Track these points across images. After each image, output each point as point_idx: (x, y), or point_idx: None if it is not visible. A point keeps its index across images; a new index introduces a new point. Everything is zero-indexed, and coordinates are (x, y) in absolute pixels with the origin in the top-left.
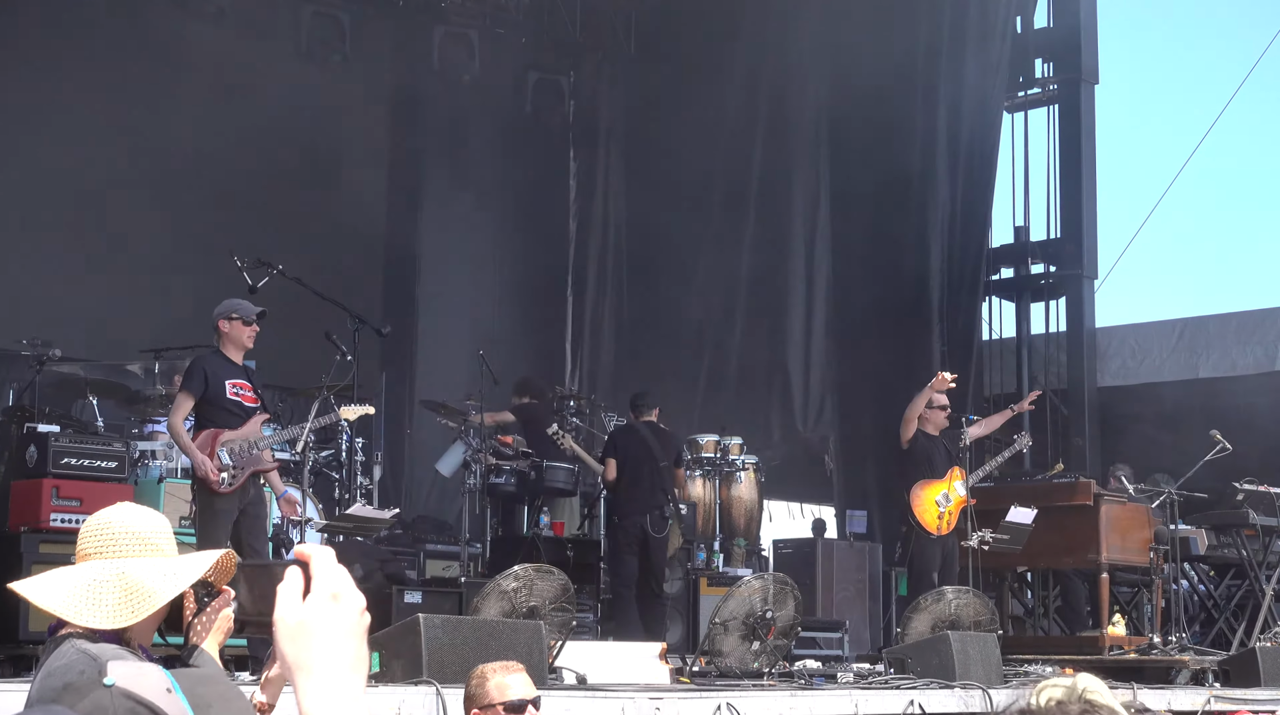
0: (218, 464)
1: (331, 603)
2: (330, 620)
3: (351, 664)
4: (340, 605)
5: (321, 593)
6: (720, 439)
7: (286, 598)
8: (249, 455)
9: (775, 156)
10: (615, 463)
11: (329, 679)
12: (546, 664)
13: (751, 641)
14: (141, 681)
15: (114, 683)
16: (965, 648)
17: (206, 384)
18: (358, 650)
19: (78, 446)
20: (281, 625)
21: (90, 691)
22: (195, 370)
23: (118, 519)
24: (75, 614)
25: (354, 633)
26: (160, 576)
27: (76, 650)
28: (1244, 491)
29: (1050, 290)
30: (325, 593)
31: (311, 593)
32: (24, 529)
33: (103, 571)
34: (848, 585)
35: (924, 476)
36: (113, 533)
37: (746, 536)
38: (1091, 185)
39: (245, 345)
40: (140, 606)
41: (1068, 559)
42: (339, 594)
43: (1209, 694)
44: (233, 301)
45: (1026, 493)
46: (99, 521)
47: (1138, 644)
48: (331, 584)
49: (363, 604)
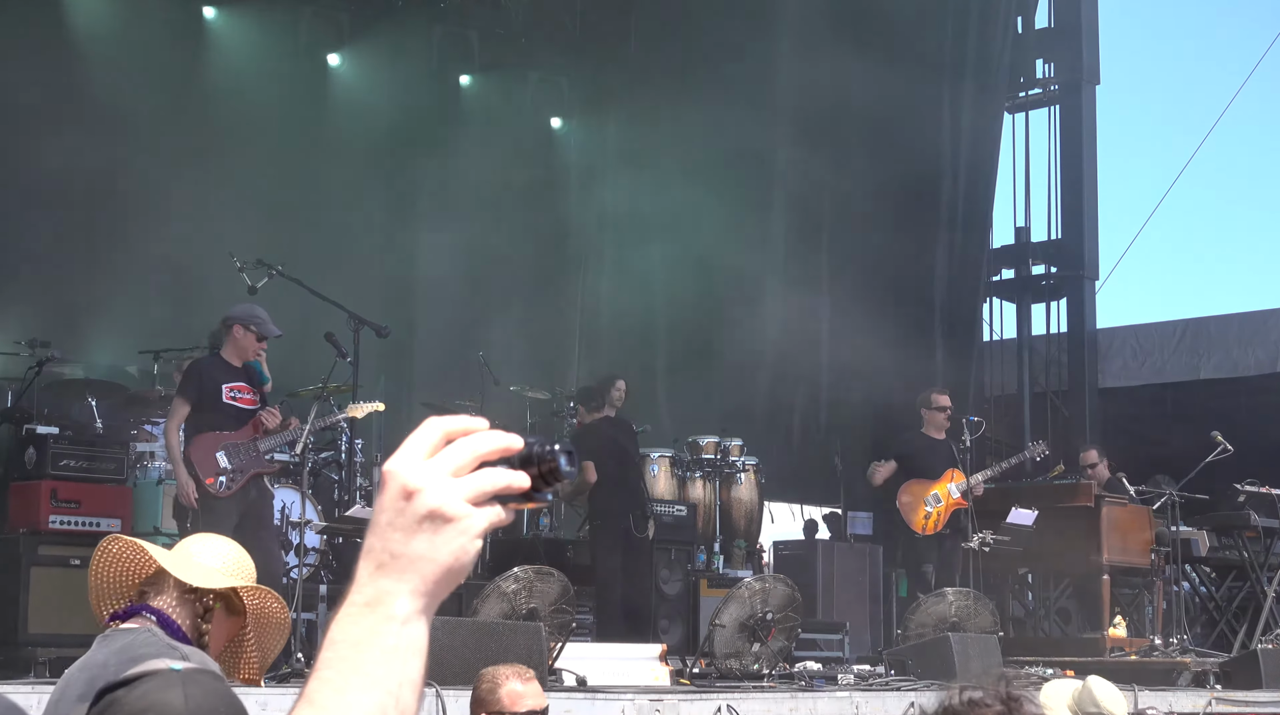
0: (216, 467)
1: (382, 484)
2: (377, 507)
3: (387, 565)
4: (385, 488)
5: (400, 493)
6: (720, 440)
7: (402, 458)
8: (249, 457)
9: (776, 157)
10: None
11: (358, 581)
12: (546, 666)
13: (752, 643)
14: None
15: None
16: (966, 649)
17: (201, 389)
18: (400, 546)
19: (76, 448)
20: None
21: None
22: (191, 376)
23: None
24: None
25: (395, 523)
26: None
27: (155, 637)
28: (1245, 493)
29: (1051, 291)
30: (419, 505)
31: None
32: (23, 531)
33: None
34: (848, 587)
35: (916, 477)
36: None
37: (747, 538)
38: (1092, 185)
39: (248, 357)
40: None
41: (1069, 561)
42: (391, 471)
43: (1210, 696)
44: (255, 311)
45: (1027, 494)
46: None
47: (1139, 646)
48: (390, 460)
49: (414, 485)
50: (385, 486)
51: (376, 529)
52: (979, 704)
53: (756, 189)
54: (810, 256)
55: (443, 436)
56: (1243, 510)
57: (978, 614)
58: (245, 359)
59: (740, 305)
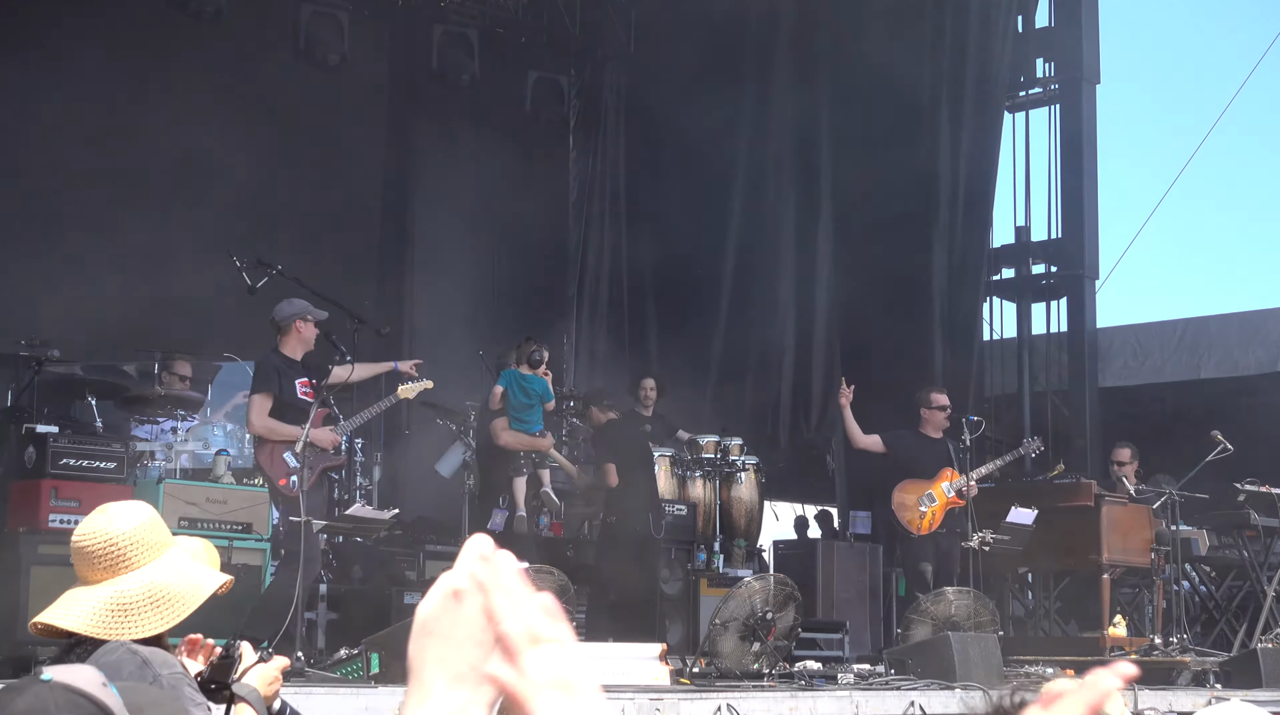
0: (286, 468)
1: (452, 601)
2: (447, 621)
3: (465, 675)
4: (462, 605)
5: (442, 588)
6: (720, 439)
7: (432, 589)
8: (316, 453)
9: (776, 157)
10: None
11: (429, 690)
12: None
13: (752, 642)
14: (78, 676)
15: (51, 678)
16: (966, 649)
17: (280, 387)
18: (478, 660)
19: (76, 447)
20: (415, 621)
21: (30, 687)
22: (268, 371)
23: (115, 528)
24: (107, 630)
25: (474, 639)
26: (187, 584)
27: (126, 650)
28: (1245, 492)
29: (1051, 290)
30: (448, 588)
31: (435, 587)
32: (23, 530)
33: (130, 584)
34: (848, 586)
35: (909, 476)
36: (118, 545)
37: (747, 537)
38: (1093, 185)
39: (310, 346)
40: (170, 615)
41: (1069, 560)
42: (464, 591)
43: (1210, 695)
44: (303, 303)
45: (1027, 493)
46: (103, 536)
47: (1139, 645)
48: (459, 578)
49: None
50: (465, 604)
51: (451, 641)
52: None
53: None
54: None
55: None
56: (1243, 510)
57: (978, 613)
58: (307, 348)
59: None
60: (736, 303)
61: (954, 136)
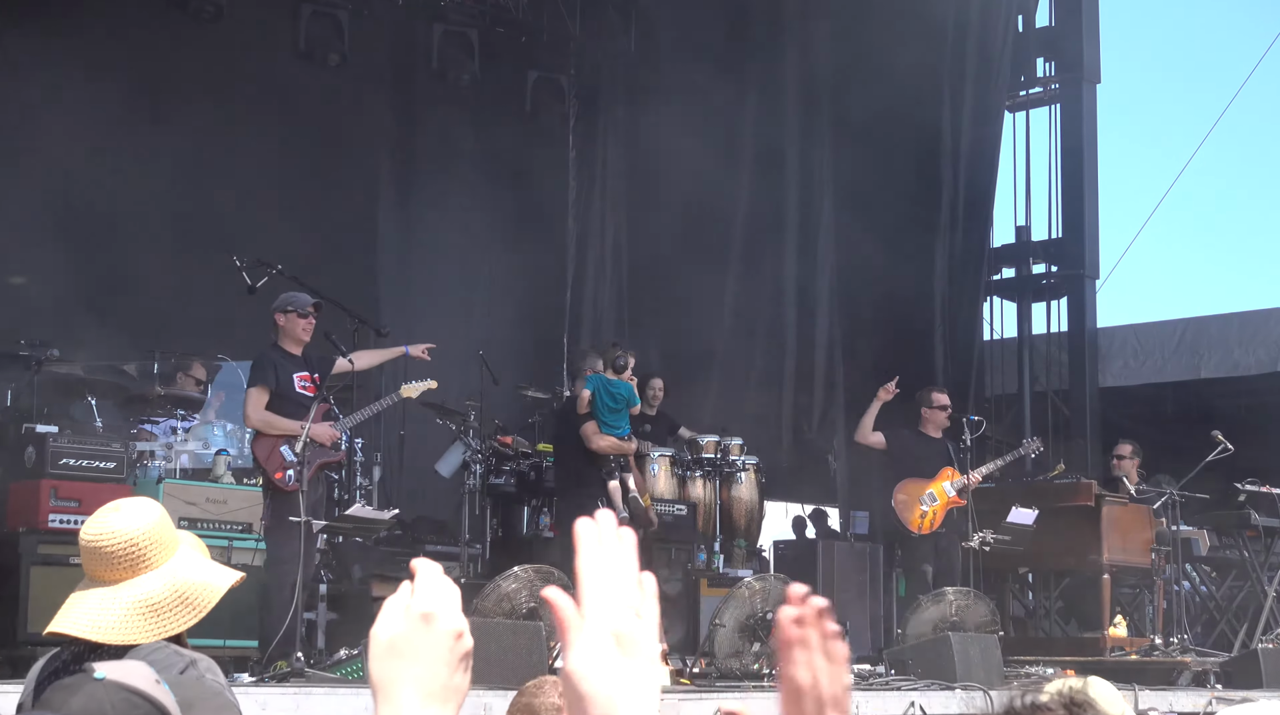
0: (282, 461)
1: (421, 624)
2: (417, 643)
3: (436, 693)
4: (431, 627)
5: (412, 611)
6: (721, 439)
7: (387, 613)
8: (315, 448)
9: (776, 157)
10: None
11: (400, 708)
12: (547, 666)
13: (752, 643)
14: (132, 673)
15: (104, 676)
16: (966, 649)
17: (278, 379)
18: (446, 679)
19: (76, 447)
20: (374, 642)
21: (83, 686)
22: (264, 364)
23: (135, 526)
24: (139, 634)
25: (444, 659)
26: (207, 580)
27: (172, 649)
28: (1246, 492)
29: (1052, 290)
30: (416, 612)
31: (403, 610)
32: (22, 530)
33: (154, 584)
34: (848, 586)
35: (909, 475)
36: (138, 544)
37: (747, 537)
38: (1093, 185)
39: (302, 339)
40: (197, 611)
41: (1069, 560)
42: (432, 614)
43: (1210, 695)
44: (288, 294)
45: (1028, 493)
46: (122, 536)
47: (1139, 645)
48: (425, 602)
49: (460, 628)
50: (434, 627)
51: (421, 661)
52: (1042, 708)
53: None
54: (811, 256)
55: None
56: (1243, 510)
57: (978, 614)
58: (300, 342)
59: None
60: (737, 302)
61: (954, 136)
